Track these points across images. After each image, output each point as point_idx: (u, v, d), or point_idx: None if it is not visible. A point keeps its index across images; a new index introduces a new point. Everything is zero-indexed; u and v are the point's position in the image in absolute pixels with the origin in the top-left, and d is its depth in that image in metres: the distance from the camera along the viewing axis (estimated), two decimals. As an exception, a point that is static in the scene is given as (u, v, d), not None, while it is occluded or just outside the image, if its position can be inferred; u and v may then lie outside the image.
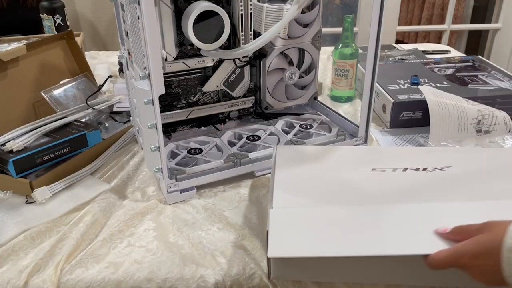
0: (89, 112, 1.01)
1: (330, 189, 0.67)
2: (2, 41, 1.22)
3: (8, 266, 0.66)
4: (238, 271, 0.64)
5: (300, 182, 0.70)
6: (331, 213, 0.62)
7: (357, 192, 0.66)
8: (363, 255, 0.56)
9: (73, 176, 0.85)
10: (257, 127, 0.98)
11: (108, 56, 1.63)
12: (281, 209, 0.62)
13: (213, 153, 0.89)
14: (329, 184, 0.69)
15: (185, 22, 0.75)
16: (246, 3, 0.78)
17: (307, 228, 0.59)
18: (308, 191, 0.67)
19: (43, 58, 1.04)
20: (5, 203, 0.80)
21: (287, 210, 0.63)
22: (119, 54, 0.92)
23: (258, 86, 0.98)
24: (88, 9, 2.41)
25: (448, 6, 2.27)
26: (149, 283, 0.63)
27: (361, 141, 0.94)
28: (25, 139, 0.85)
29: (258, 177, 0.87)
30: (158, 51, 0.67)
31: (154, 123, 0.72)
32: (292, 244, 0.57)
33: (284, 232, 0.58)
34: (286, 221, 0.60)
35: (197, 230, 0.73)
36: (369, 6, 0.82)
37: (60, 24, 1.51)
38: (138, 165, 0.92)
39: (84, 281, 0.63)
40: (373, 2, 0.79)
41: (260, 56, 0.94)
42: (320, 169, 0.73)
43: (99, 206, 0.78)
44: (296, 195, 0.66)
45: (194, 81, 0.92)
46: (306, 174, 0.72)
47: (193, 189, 0.82)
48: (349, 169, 0.72)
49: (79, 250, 0.69)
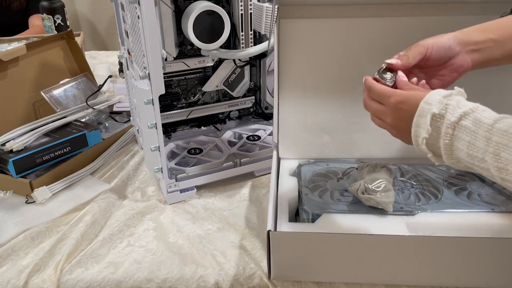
0: (89, 112, 1.01)
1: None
2: (2, 41, 1.22)
3: (8, 266, 0.66)
4: (238, 271, 0.64)
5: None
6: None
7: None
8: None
9: (73, 176, 0.85)
10: (257, 127, 0.98)
11: (108, 56, 1.63)
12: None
13: (213, 153, 0.89)
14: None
15: (185, 22, 0.75)
16: (246, 3, 0.78)
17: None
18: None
19: (43, 58, 1.04)
20: (5, 203, 0.80)
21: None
22: (119, 54, 0.92)
23: (258, 86, 0.98)
24: (88, 9, 2.41)
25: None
26: (149, 283, 0.63)
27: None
28: (25, 139, 0.85)
29: (258, 177, 0.87)
30: (158, 51, 0.67)
31: (154, 123, 0.71)
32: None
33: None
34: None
35: (197, 230, 0.73)
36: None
37: (60, 24, 1.51)
38: (138, 165, 0.92)
39: (84, 281, 0.63)
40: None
41: (260, 56, 0.93)
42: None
43: (99, 206, 0.78)
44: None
45: (194, 81, 0.92)
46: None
47: (193, 189, 0.82)
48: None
49: (79, 250, 0.69)
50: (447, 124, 0.46)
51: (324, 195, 0.70)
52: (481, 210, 0.65)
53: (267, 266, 0.62)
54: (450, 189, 0.71)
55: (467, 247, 0.58)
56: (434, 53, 0.57)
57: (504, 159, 0.43)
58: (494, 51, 0.56)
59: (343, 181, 0.73)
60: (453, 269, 0.60)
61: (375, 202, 0.65)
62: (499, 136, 0.43)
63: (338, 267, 0.62)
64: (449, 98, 0.48)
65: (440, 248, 0.58)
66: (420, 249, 0.58)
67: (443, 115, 0.47)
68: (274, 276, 0.63)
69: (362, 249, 0.59)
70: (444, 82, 0.59)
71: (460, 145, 0.46)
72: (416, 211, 0.65)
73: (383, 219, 0.65)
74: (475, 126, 0.45)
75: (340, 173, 0.75)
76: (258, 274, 0.64)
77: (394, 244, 0.58)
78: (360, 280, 0.63)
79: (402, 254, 0.59)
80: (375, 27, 0.70)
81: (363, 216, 0.65)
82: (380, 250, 0.59)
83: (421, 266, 0.60)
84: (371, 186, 0.66)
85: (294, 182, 0.74)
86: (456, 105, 0.47)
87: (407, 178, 0.73)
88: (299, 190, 0.72)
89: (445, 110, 0.47)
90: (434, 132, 0.48)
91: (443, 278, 0.61)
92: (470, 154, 0.45)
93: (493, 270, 0.59)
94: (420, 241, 0.58)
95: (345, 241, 0.59)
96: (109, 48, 2.41)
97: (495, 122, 0.44)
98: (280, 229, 0.64)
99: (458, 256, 0.58)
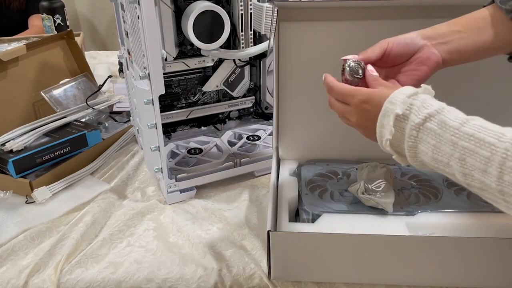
0: (89, 112, 1.01)
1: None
2: (2, 41, 1.22)
3: (8, 266, 0.66)
4: (238, 271, 0.64)
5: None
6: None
7: None
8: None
9: (73, 176, 0.85)
10: (257, 127, 0.98)
11: (108, 56, 1.62)
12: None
13: (213, 153, 0.89)
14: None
15: (185, 22, 0.75)
16: (246, 3, 0.78)
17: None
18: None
19: (43, 58, 1.04)
20: (5, 203, 0.80)
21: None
22: (119, 54, 0.92)
23: (258, 86, 0.98)
24: (88, 9, 2.41)
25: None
26: (149, 283, 0.63)
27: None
28: (25, 139, 0.85)
29: (258, 177, 0.87)
30: (158, 51, 0.67)
31: (154, 123, 0.71)
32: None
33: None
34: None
35: (197, 230, 0.73)
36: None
37: (60, 24, 1.51)
38: (138, 165, 0.92)
39: (84, 281, 0.63)
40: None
41: (260, 56, 0.93)
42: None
43: (99, 206, 0.78)
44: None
45: (194, 81, 0.92)
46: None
47: (193, 189, 0.82)
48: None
49: (79, 250, 0.69)
50: (411, 126, 0.45)
51: (324, 195, 0.70)
52: (481, 210, 0.65)
53: (267, 266, 0.62)
54: (450, 189, 0.71)
55: (467, 247, 0.58)
56: (395, 47, 0.55)
57: (469, 165, 0.41)
58: (463, 42, 0.54)
59: (343, 181, 0.73)
60: (453, 269, 0.60)
61: (375, 202, 0.65)
62: (465, 141, 0.41)
63: (338, 267, 0.62)
64: (414, 98, 0.46)
65: (440, 248, 0.58)
66: (420, 249, 0.58)
67: (407, 115, 0.45)
68: (274, 276, 0.63)
69: (362, 249, 0.59)
70: (414, 78, 0.56)
71: (424, 148, 0.44)
72: (416, 211, 0.65)
73: (383, 219, 0.65)
74: (441, 129, 0.43)
75: (340, 173, 0.75)
76: (258, 274, 0.64)
77: (394, 244, 0.58)
78: (360, 280, 0.63)
79: (402, 254, 0.59)
80: (375, 29, 0.70)
81: (363, 216, 0.65)
82: (380, 250, 0.59)
83: (421, 266, 0.60)
84: (371, 186, 0.66)
85: (294, 182, 0.74)
86: (421, 105, 0.45)
87: (407, 178, 0.73)
88: (299, 190, 0.72)
89: (409, 111, 0.45)
90: (398, 133, 0.46)
91: (443, 278, 0.61)
92: (435, 158, 0.44)
93: (493, 270, 0.59)
94: (420, 241, 0.58)
95: (345, 241, 0.59)
96: (109, 48, 2.41)
97: (462, 125, 0.42)
98: (280, 229, 0.64)
99: (458, 256, 0.58)
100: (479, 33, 0.53)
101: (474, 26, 0.54)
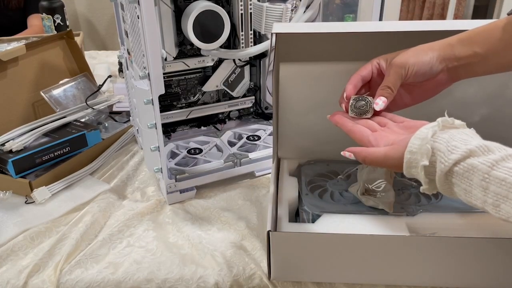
0: (89, 112, 1.01)
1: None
2: (1, 41, 1.22)
3: (7, 266, 0.66)
4: (238, 271, 0.64)
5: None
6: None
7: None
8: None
9: (73, 176, 0.85)
10: (257, 127, 0.98)
11: (107, 56, 1.62)
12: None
13: (213, 153, 0.89)
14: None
15: (185, 21, 0.75)
16: (246, 3, 0.78)
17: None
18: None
19: (43, 58, 1.04)
20: (4, 203, 0.80)
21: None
22: (119, 54, 0.91)
23: (258, 86, 0.98)
24: (87, 9, 2.41)
25: (449, 6, 2.27)
26: (149, 283, 0.63)
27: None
28: (24, 139, 0.85)
29: (258, 177, 0.87)
30: (158, 51, 0.67)
31: (154, 123, 0.71)
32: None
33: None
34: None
35: (197, 230, 0.73)
36: (370, 5, 0.82)
37: (59, 24, 1.51)
38: (138, 165, 0.92)
39: (84, 281, 0.63)
40: (374, 2, 0.79)
41: (260, 56, 0.93)
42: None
43: (98, 206, 0.78)
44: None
45: (194, 81, 0.92)
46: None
47: (193, 189, 0.82)
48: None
49: (79, 250, 0.69)
50: (439, 174, 0.44)
51: (324, 195, 0.70)
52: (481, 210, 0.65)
53: (267, 267, 0.62)
54: (450, 189, 0.70)
55: (467, 247, 0.57)
56: (413, 76, 0.54)
57: (504, 212, 0.39)
58: (476, 68, 0.53)
59: (343, 182, 0.73)
60: (453, 269, 0.60)
61: (375, 202, 0.65)
62: (497, 186, 0.39)
63: (338, 268, 0.62)
64: (435, 139, 0.44)
65: (440, 249, 0.58)
66: (421, 250, 0.58)
67: (434, 163, 0.44)
68: (274, 276, 0.63)
69: (362, 250, 0.59)
70: (426, 96, 0.57)
71: (457, 190, 0.43)
72: (416, 211, 0.65)
73: (383, 219, 0.64)
74: (469, 172, 0.41)
75: (340, 173, 0.75)
76: (258, 274, 0.64)
77: (394, 244, 0.58)
78: (360, 281, 0.63)
79: (403, 254, 0.59)
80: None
81: (363, 216, 0.65)
82: (380, 251, 0.59)
83: (421, 266, 0.60)
84: (371, 186, 0.66)
85: (294, 182, 0.74)
86: (446, 149, 0.43)
87: (407, 178, 0.73)
88: (299, 190, 0.72)
89: (435, 157, 0.44)
90: (430, 180, 0.46)
91: (443, 278, 0.61)
92: (469, 201, 0.42)
93: (493, 270, 0.59)
94: (421, 241, 0.58)
95: (345, 241, 0.59)
96: (108, 48, 2.41)
97: (492, 168, 0.39)
98: (280, 229, 0.64)
99: (458, 256, 0.58)
100: (499, 55, 0.51)
101: (493, 47, 0.51)
